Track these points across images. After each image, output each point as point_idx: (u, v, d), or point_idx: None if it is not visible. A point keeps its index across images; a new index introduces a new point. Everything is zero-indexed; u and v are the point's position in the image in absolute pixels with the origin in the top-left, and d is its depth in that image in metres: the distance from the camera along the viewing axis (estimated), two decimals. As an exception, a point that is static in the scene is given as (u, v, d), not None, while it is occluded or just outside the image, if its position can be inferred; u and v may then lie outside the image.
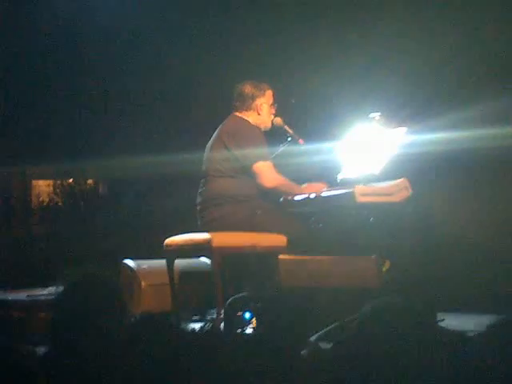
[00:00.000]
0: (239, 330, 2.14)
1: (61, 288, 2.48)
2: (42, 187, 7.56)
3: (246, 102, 4.58)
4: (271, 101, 4.63)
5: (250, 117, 4.59)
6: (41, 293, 4.67)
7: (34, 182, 7.57)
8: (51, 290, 2.78)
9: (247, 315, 3.17)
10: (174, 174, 6.02)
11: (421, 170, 5.08)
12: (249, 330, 2.14)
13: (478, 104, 5.22)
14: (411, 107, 5.46)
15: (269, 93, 4.62)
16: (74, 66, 6.83)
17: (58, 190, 7.43)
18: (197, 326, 2.29)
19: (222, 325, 3.85)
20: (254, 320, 3.11)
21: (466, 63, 5.51)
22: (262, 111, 4.60)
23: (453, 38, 5.53)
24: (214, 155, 4.55)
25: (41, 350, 2.49)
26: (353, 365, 2.17)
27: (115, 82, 6.80)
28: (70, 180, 7.41)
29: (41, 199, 7.47)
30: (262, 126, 4.61)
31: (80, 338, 2.28)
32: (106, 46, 6.72)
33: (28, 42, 6.75)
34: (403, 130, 4.48)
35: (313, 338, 3.38)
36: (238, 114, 4.62)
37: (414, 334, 2.23)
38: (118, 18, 6.57)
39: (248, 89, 4.59)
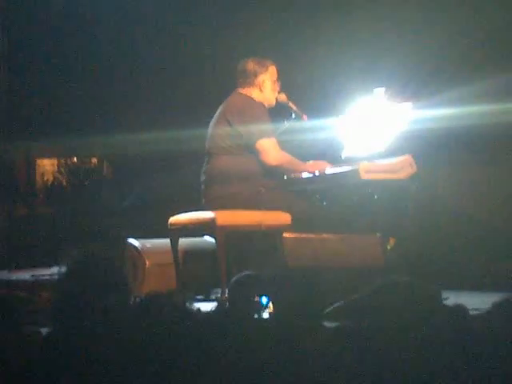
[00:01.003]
0: (256, 315, 2.14)
1: (64, 268, 2.46)
2: (47, 166, 7.55)
3: (248, 79, 4.54)
4: (274, 77, 4.58)
5: (252, 93, 4.55)
6: (45, 272, 4.66)
7: (39, 161, 7.56)
8: (55, 269, 2.77)
9: (264, 300, 3.16)
10: (177, 151, 6.00)
11: (426, 146, 5.04)
12: (265, 315, 2.15)
13: (484, 79, 5.17)
14: (417, 82, 5.42)
15: (272, 69, 4.57)
16: (77, 43, 6.79)
17: (62, 169, 7.41)
18: (202, 305, 2.28)
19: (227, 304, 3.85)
20: (270, 304, 3.11)
21: (473, 36, 5.45)
22: (264, 88, 4.55)
23: (460, 10, 5.47)
24: (217, 132, 4.51)
25: (44, 329, 2.49)
26: (358, 343, 2.16)
27: (119, 59, 6.76)
28: (75, 159, 7.39)
29: (45, 178, 7.47)
30: (266, 103, 4.57)
31: (83, 318, 2.28)
32: (111, 23, 6.68)
33: (34, 20, 6.71)
34: (408, 105, 4.45)
35: (317, 317, 3.36)
36: (241, 90, 4.58)
37: (420, 312, 2.22)
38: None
39: (250, 65, 4.55)
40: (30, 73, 6.86)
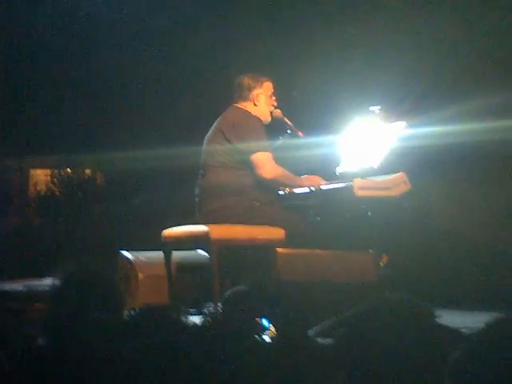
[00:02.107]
0: (257, 336, 2.14)
1: (57, 281, 2.47)
2: (40, 176, 7.54)
3: (243, 93, 4.57)
4: (269, 92, 4.61)
5: (248, 107, 4.57)
6: (38, 283, 4.66)
7: (32, 171, 7.56)
8: (48, 280, 2.77)
9: (265, 322, 3.16)
10: (172, 165, 6.00)
11: (419, 164, 5.07)
12: (266, 338, 2.14)
13: (477, 98, 5.21)
14: (410, 101, 5.46)
15: (267, 84, 4.60)
16: (71, 57, 6.80)
17: (55, 180, 7.41)
18: (195, 319, 2.28)
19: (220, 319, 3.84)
20: (271, 327, 3.10)
21: (465, 56, 5.50)
22: (258, 102, 4.58)
23: (452, 31, 5.51)
24: (213, 146, 4.53)
25: (38, 340, 2.49)
26: (350, 360, 2.17)
27: (114, 72, 6.78)
28: (68, 170, 7.39)
29: (38, 188, 7.46)
30: (262, 118, 4.59)
31: (75, 330, 2.27)
32: (105, 38, 6.69)
33: (27, 35, 6.72)
34: (402, 123, 4.47)
35: (310, 333, 3.37)
36: (237, 105, 4.60)
37: (412, 330, 2.23)
38: (115, 12, 6.55)
39: (246, 80, 4.59)
40: (23, 84, 6.87)
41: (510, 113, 5.05)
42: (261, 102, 4.58)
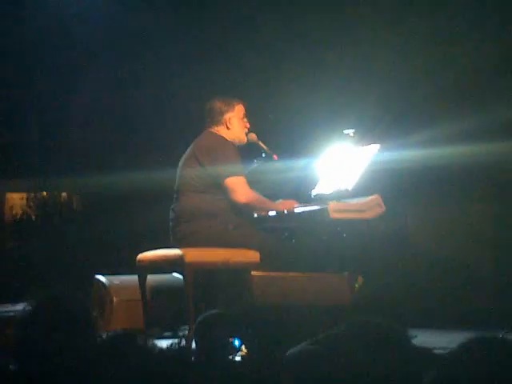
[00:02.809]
0: (230, 357, 2.12)
1: (27, 306, 2.45)
2: (16, 200, 7.50)
3: (215, 118, 4.59)
4: (241, 114, 4.62)
5: (221, 132, 4.59)
6: (11, 309, 4.61)
7: (8, 195, 7.51)
8: (21, 306, 2.75)
9: (236, 342, 3.14)
10: (147, 188, 6.00)
11: (394, 186, 5.11)
12: (238, 358, 2.13)
13: (450, 122, 5.27)
14: (384, 124, 5.50)
15: (238, 107, 4.62)
16: (49, 79, 6.79)
17: (31, 203, 7.37)
18: (166, 344, 2.27)
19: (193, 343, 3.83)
20: (243, 347, 3.08)
21: (437, 81, 5.56)
22: (231, 125, 4.59)
23: (425, 55, 5.58)
24: (187, 171, 4.53)
25: (9, 366, 2.46)
26: (325, 381, 2.17)
27: (89, 97, 6.78)
28: (44, 193, 7.35)
29: (14, 212, 7.41)
30: (237, 141, 4.60)
31: (45, 356, 2.26)
32: (87, 61, 6.70)
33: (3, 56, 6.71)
34: (376, 146, 4.50)
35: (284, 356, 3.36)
36: (211, 129, 4.62)
37: (384, 351, 2.23)
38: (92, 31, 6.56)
39: (216, 104, 4.60)
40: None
41: (484, 136, 5.11)
42: (233, 125, 4.59)
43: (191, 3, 6.51)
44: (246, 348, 2.96)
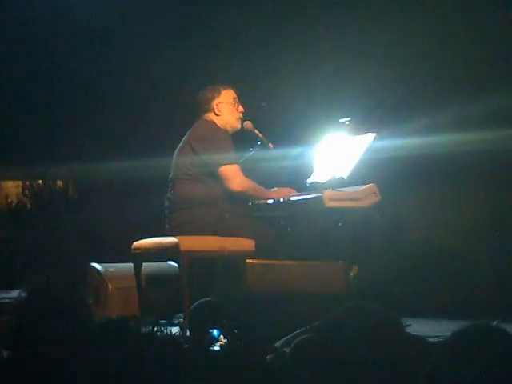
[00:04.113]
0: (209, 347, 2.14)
1: (23, 294, 2.45)
2: (11, 188, 7.49)
3: (204, 105, 4.61)
4: (230, 99, 4.61)
5: (213, 118, 4.59)
6: (6, 295, 4.62)
7: (3, 183, 7.50)
8: (16, 293, 2.75)
9: (215, 332, 3.15)
10: (142, 177, 6.00)
11: (389, 175, 5.11)
12: (216, 347, 2.14)
13: (446, 110, 5.26)
14: (380, 113, 5.50)
15: (225, 92, 4.62)
16: (41, 64, 6.77)
17: (27, 192, 7.36)
18: (159, 330, 2.27)
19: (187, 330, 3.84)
20: (221, 337, 3.09)
21: (434, 68, 5.55)
22: (220, 111, 4.59)
23: (422, 43, 5.57)
24: (181, 159, 4.53)
25: (4, 353, 2.47)
26: (315, 368, 2.17)
27: (87, 81, 6.76)
28: (40, 181, 7.34)
29: (9, 200, 7.40)
30: (229, 127, 4.59)
31: (42, 343, 2.26)
32: (80, 50, 6.68)
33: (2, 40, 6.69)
34: (372, 135, 4.50)
35: (278, 344, 3.38)
36: (204, 117, 4.62)
37: (377, 338, 2.23)
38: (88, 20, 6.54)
39: (205, 93, 4.62)
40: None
41: (480, 125, 5.11)
42: (222, 110, 4.59)
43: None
44: (224, 338, 2.98)
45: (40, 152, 6.93)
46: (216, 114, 4.58)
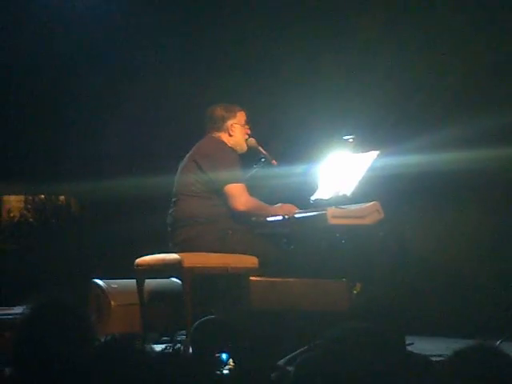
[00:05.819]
0: (218, 372, 2.12)
1: (26, 310, 2.44)
2: (14, 203, 7.48)
3: (216, 124, 4.59)
4: (243, 121, 4.63)
5: (223, 138, 4.59)
6: (8, 312, 4.60)
7: (6, 198, 7.50)
8: (19, 309, 2.75)
9: (224, 356, 3.14)
10: (145, 193, 6.00)
11: (393, 193, 5.11)
12: (225, 371, 2.12)
13: (449, 128, 5.27)
14: (384, 131, 5.51)
15: (240, 114, 4.63)
16: (45, 79, 6.79)
17: (29, 206, 7.36)
18: (161, 348, 2.26)
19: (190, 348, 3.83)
20: (230, 361, 3.08)
21: (436, 87, 5.57)
22: (233, 132, 4.60)
23: (423, 61, 5.58)
24: (185, 176, 4.53)
25: (6, 370, 2.46)
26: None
27: (87, 100, 6.78)
28: (42, 196, 7.34)
29: (12, 215, 7.40)
30: (238, 148, 4.61)
31: (42, 361, 2.25)
32: (83, 66, 6.70)
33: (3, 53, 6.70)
34: (376, 153, 4.51)
35: (281, 362, 3.36)
36: (212, 135, 4.62)
37: (380, 357, 2.23)
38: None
39: (218, 111, 4.61)
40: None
41: (483, 143, 5.11)
42: (235, 131, 4.60)
43: (191, 6, 6.51)
44: (233, 362, 2.96)
45: (43, 167, 6.93)
46: (229, 135, 4.59)
